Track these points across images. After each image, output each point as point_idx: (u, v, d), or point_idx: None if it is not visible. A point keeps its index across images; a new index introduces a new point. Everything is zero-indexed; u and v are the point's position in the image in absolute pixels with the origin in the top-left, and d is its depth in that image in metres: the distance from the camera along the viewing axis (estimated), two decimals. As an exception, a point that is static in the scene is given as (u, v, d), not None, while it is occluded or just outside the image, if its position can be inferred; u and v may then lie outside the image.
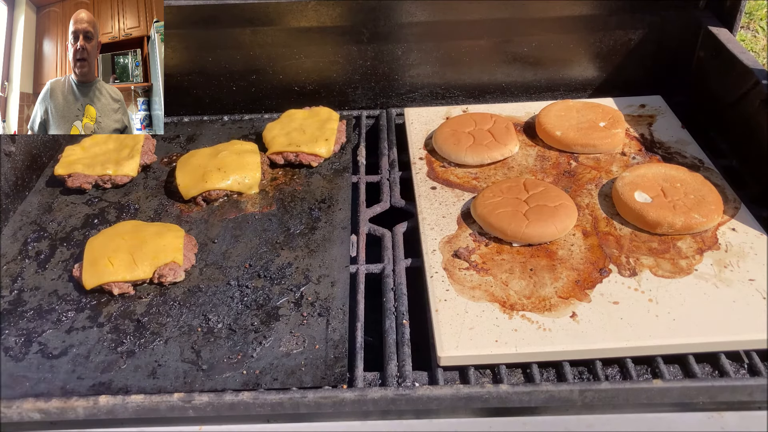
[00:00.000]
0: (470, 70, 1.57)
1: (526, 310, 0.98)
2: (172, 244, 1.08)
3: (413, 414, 0.87)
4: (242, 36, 1.50)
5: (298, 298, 1.03)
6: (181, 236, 1.11)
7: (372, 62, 1.54)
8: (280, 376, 0.90)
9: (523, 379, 0.93)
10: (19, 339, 0.98)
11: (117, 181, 1.30)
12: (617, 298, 1.00)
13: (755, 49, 2.88)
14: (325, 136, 1.36)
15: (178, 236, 1.11)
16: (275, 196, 1.27)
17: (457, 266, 1.07)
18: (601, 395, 0.85)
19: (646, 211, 1.11)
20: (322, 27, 1.49)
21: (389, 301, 1.04)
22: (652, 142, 1.37)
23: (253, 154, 1.30)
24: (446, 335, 0.95)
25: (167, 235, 1.10)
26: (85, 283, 1.04)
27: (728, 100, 1.38)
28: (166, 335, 0.98)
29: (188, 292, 1.06)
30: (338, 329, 0.97)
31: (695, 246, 1.09)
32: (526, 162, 1.34)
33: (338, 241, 1.15)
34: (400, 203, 1.27)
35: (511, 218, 1.11)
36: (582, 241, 1.11)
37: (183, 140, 1.47)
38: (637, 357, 0.94)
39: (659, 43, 1.54)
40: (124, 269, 1.04)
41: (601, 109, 1.42)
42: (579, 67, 1.58)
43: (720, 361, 0.93)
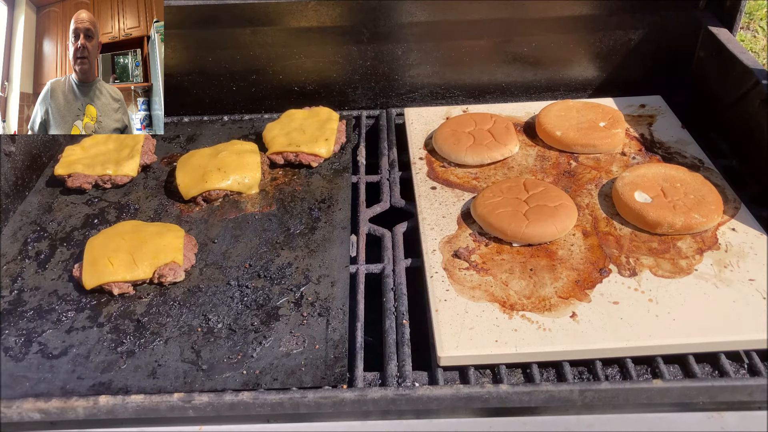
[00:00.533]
0: (470, 70, 1.57)
1: (526, 310, 0.98)
2: (172, 244, 1.08)
3: (413, 414, 0.87)
4: (242, 36, 1.50)
5: (298, 298, 1.03)
6: (181, 236, 1.11)
7: (372, 62, 1.54)
8: (280, 376, 0.90)
9: (523, 379, 0.93)
10: (19, 339, 0.98)
11: (117, 181, 1.30)
12: (617, 298, 1.00)
13: (755, 49, 2.88)
14: (325, 136, 1.36)
15: (178, 236, 1.11)
16: (275, 196, 1.27)
17: (457, 266, 1.07)
18: (601, 395, 0.85)
19: (646, 211, 1.11)
20: (322, 27, 1.49)
21: (389, 301, 1.04)
22: (652, 142, 1.37)
23: (253, 154, 1.30)
24: (446, 335, 0.95)
25: (167, 235, 1.10)
26: (85, 283, 1.04)
27: (728, 100, 1.38)
28: (166, 335, 0.98)
29: (188, 292, 1.06)
30: (338, 329, 0.97)
31: (695, 246, 1.09)
32: (526, 162, 1.34)
33: (338, 241, 1.15)
34: (400, 203, 1.27)
35: (511, 218, 1.11)
36: (582, 241, 1.11)
37: (183, 140, 1.47)
38: (637, 357, 0.94)
39: (659, 43, 1.54)
40: (124, 269, 1.04)
41: (601, 109, 1.42)
42: (579, 67, 1.58)
43: (720, 361, 0.93)
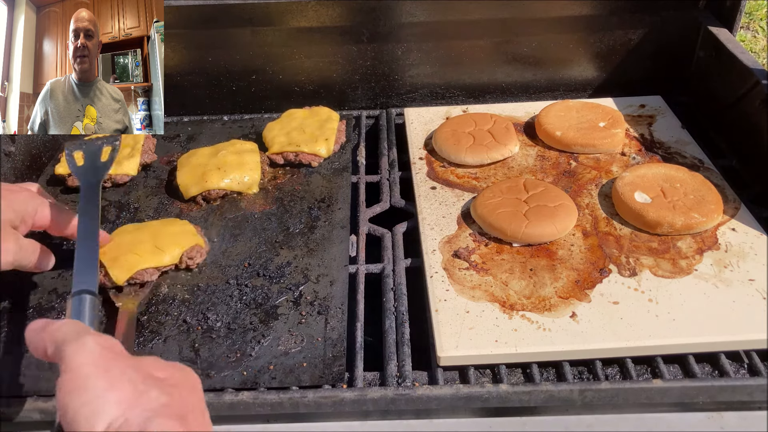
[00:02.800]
0: (470, 70, 1.57)
1: (526, 310, 0.98)
2: (186, 229, 1.11)
3: (413, 414, 0.87)
4: (242, 36, 1.50)
5: (297, 297, 1.03)
6: (188, 223, 1.14)
7: (372, 62, 1.54)
8: (279, 374, 0.90)
9: (523, 379, 0.93)
10: (18, 338, 0.98)
11: (117, 180, 1.30)
12: (617, 298, 1.00)
13: (755, 49, 2.88)
14: (325, 135, 1.36)
15: (186, 223, 1.14)
16: (275, 196, 1.27)
17: (457, 266, 1.07)
18: (601, 395, 0.85)
19: (646, 211, 1.11)
20: (322, 27, 1.49)
21: (389, 301, 1.04)
22: (652, 142, 1.37)
23: (253, 154, 1.30)
24: (446, 335, 0.95)
25: (177, 223, 1.13)
26: (116, 279, 1.02)
27: (728, 100, 1.38)
28: (165, 333, 0.98)
29: (187, 291, 1.06)
30: (337, 328, 0.97)
31: (695, 246, 1.09)
32: (526, 162, 1.34)
33: (337, 241, 1.15)
34: (399, 203, 1.27)
35: (511, 218, 1.11)
36: (582, 241, 1.11)
37: (183, 139, 1.47)
38: (637, 357, 0.94)
39: (659, 43, 1.53)
40: (151, 256, 1.04)
41: (601, 109, 1.42)
42: (579, 67, 1.57)
43: (720, 361, 0.93)
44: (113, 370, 0.53)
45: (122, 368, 0.53)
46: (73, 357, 0.54)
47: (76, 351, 0.54)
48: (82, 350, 0.54)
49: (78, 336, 0.55)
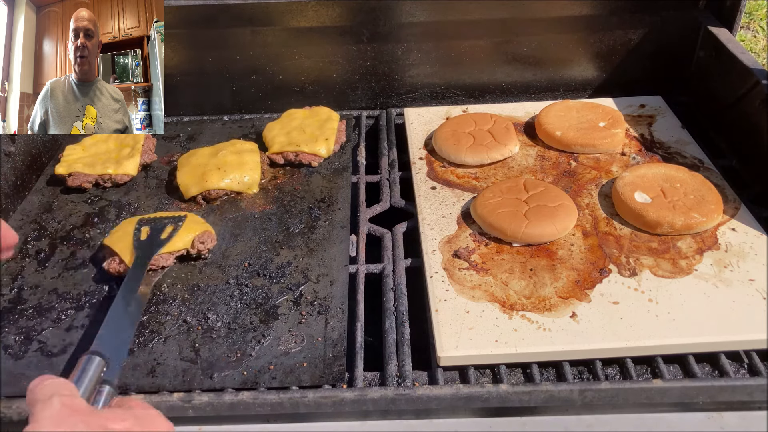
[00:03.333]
0: (470, 70, 1.57)
1: (526, 310, 0.98)
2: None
3: (413, 414, 0.87)
4: (242, 36, 1.50)
5: (297, 297, 1.03)
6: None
7: (372, 62, 1.54)
8: (279, 374, 0.90)
9: (523, 379, 0.93)
10: (18, 337, 0.98)
11: (117, 180, 1.30)
12: (617, 298, 1.00)
13: (755, 49, 2.88)
14: (325, 135, 1.36)
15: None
16: (275, 196, 1.27)
17: (457, 266, 1.07)
18: (601, 395, 0.85)
19: (646, 211, 1.11)
20: (322, 27, 1.49)
21: (389, 301, 1.04)
22: (652, 142, 1.37)
23: (253, 154, 1.31)
24: (446, 335, 0.95)
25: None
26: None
27: (728, 100, 1.38)
28: (165, 333, 0.98)
29: (187, 291, 1.06)
30: (337, 328, 0.97)
31: (695, 246, 1.09)
32: (526, 162, 1.34)
33: (337, 241, 1.15)
34: (400, 203, 1.27)
35: (511, 218, 1.11)
36: (582, 241, 1.11)
37: (183, 139, 1.47)
38: (637, 357, 0.94)
39: (659, 43, 1.54)
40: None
41: (600, 109, 1.42)
42: (579, 67, 1.58)
43: (720, 361, 0.93)
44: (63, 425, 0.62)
45: (74, 423, 0.63)
46: (39, 413, 0.64)
47: (42, 408, 0.64)
48: (48, 407, 0.64)
49: (49, 397, 0.65)
